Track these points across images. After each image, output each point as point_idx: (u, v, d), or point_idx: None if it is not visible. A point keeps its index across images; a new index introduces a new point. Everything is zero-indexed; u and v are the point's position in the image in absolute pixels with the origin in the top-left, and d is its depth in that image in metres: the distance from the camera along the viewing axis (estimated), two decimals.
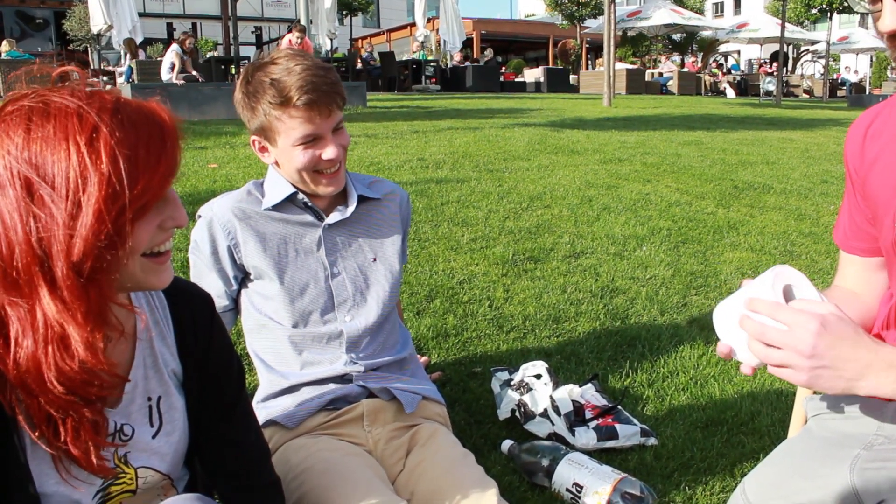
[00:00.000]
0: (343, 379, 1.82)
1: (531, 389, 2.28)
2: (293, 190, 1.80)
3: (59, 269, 0.92)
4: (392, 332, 1.93)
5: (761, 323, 1.03)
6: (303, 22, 16.13)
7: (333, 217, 1.85)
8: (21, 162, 0.91)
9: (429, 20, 21.60)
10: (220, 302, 1.85)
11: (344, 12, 27.93)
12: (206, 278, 1.83)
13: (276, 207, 1.81)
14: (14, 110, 0.95)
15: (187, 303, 1.28)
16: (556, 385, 2.30)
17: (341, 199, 1.88)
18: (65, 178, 0.91)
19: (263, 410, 1.81)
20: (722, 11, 54.77)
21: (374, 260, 1.90)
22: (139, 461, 1.18)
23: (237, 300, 1.90)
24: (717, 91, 25.00)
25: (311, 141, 1.70)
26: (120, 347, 1.15)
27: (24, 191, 0.91)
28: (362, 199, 1.89)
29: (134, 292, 1.18)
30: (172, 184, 1.03)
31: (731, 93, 24.02)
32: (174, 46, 13.09)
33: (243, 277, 1.85)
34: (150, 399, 1.20)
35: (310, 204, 1.83)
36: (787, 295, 1.08)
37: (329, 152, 1.72)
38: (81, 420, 1.02)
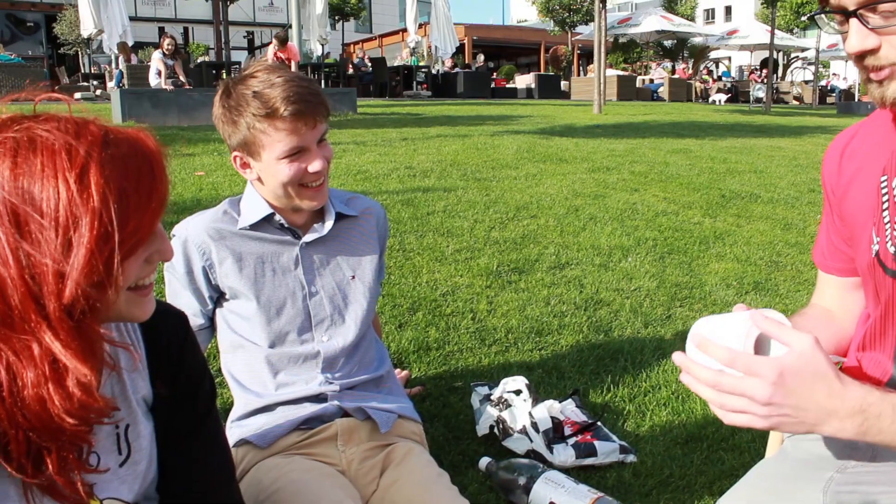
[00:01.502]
0: (318, 398, 1.80)
1: (510, 406, 2.27)
2: (270, 210, 1.78)
3: (52, 310, 0.90)
4: (368, 350, 1.91)
5: (715, 370, 1.02)
6: (294, 27, 16.10)
7: (311, 235, 1.83)
8: (9, 194, 0.88)
9: (420, 25, 21.63)
10: (196, 320, 1.83)
11: (336, 17, 27.95)
12: (181, 296, 1.81)
13: (252, 227, 1.79)
14: None
15: (160, 324, 1.26)
16: (536, 401, 2.29)
17: (318, 216, 1.86)
18: (54, 215, 0.88)
19: (237, 429, 1.79)
20: (713, 18, 55.06)
21: (353, 278, 1.87)
22: (105, 492, 1.15)
23: (213, 318, 1.88)
24: (707, 98, 25.11)
25: (296, 153, 1.67)
26: None
27: (12, 224, 0.88)
28: (340, 217, 1.87)
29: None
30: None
31: (720, 97, 24.12)
32: (155, 53, 13.08)
33: (218, 297, 1.83)
34: (117, 427, 1.18)
35: (286, 225, 1.81)
36: (761, 345, 1.07)
37: (315, 165, 1.69)
38: (70, 449, 1.01)
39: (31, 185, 0.89)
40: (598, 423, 2.30)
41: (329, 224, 1.83)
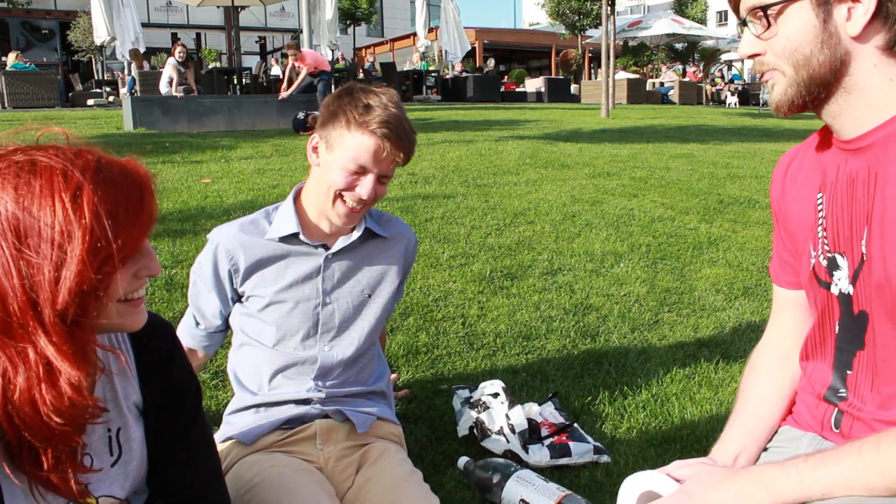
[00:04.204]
0: (304, 402, 1.91)
1: (488, 408, 2.37)
2: (297, 230, 1.88)
3: (47, 316, 1.01)
4: (366, 367, 2.00)
5: None
6: (305, 32, 16.24)
7: (337, 245, 1.92)
8: (12, 213, 1.00)
9: (431, 30, 21.75)
10: (214, 322, 1.95)
11: (348, 22, 28.13)
12: (205, 297, 1.93)
13: (280, 239, 1.89)
14: (4, 167, 1.04)
15: (149, 335, 1.36)
16: (513, 404, 2.38)
17: (347, 231, 1.94)
18: (51, 231, 1.00)
19: (226, 426, 1.92)
20: (726, 20, 54.87)
21: (369, 296, 1.97)
22: (100, 490, 1.26)
23: (228, 321, 1.99)
24: (719, 100, 25.07)
25: (359, 172, 1.78)
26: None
27: (15, 239, 0.99)
28: (370, 234, 1.96)
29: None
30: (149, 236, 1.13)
31: (734, 100, 24.06)
32: (170, 59, 13.25)
33: (238, 299, 1.95)
34: (109, 430, 1.29)
35: (312, 244, 1.90)
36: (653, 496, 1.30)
37: (365, 189, 1.79)
38: (63, 449, 1.11)
39: (31, 205, 1.01)
40: (575, 425, 2.39)
41: (357, 234, 1.92)
